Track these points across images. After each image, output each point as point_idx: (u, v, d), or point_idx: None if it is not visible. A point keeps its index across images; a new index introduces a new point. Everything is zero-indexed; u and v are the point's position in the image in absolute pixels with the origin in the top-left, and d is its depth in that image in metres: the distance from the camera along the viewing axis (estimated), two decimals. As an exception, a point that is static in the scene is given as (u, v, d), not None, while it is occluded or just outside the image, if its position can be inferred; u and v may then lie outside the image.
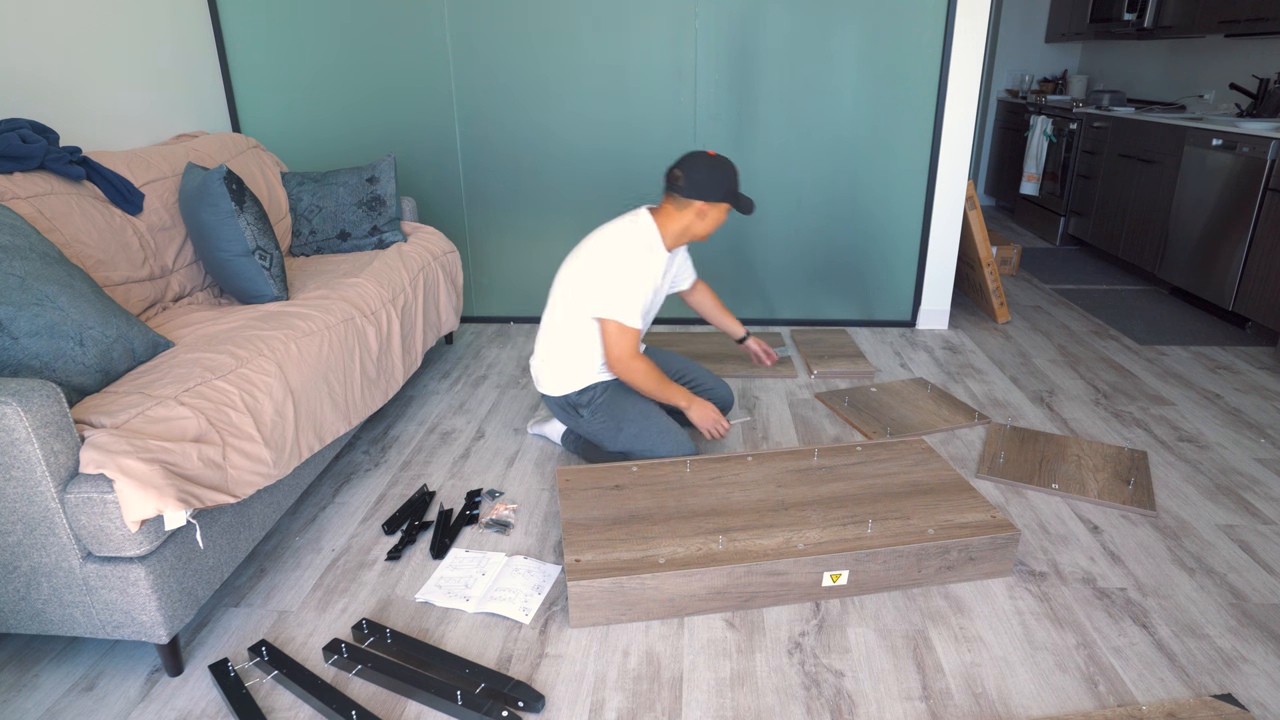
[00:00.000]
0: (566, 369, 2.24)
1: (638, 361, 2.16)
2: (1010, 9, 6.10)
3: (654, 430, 2.21)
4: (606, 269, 2.12)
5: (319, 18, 3.22)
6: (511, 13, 3.20)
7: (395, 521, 2.05)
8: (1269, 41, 4.07)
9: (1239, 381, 2.95)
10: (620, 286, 2.10)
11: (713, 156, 2.14)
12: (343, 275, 2.49)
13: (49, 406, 1.34)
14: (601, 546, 1.75)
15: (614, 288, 2.11)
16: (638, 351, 2.18)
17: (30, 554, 1.42)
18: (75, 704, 1.50)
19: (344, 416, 2.09)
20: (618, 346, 2.14)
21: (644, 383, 2.18)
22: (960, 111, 3.21)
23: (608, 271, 2.12)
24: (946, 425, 2.57)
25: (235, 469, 1.61)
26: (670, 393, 2.22)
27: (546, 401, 2.34)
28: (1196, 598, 1.77)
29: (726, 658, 1.60)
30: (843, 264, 3.51)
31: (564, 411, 2.30)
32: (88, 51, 2.53)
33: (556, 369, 2.25)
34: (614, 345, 2.14)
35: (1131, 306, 3.86)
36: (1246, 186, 3.41)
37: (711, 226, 2.20)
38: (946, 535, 1.78)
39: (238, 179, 2.19)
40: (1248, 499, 2.16)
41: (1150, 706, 1.46)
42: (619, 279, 2.11)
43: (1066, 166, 5.08)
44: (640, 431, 2.21)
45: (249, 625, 1.70)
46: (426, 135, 3.39)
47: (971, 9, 3.07)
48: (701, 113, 3.31)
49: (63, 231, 1.96)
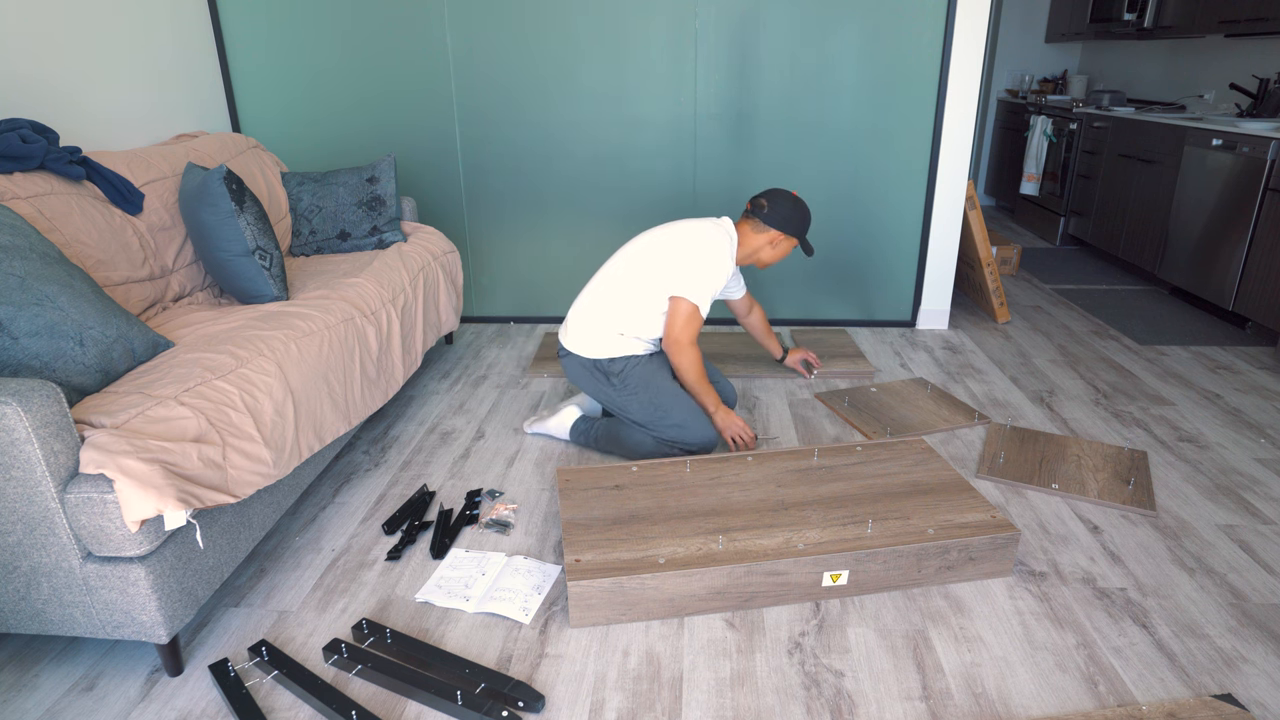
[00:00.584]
0: (610, 334, 2.29)
1: (695, 349, 2.28)
2: (1010, 9, 6.10)
3: (686, 408, 2.27)
4: (693, 253, 2.24)
5: (319, 18, 3.22)
6: (512, 13, 3.20)
7: (395, 521, 2.05)
8: (1269, 41, 4.07)
9: (1239, 381, 2.95)
10: (703, 272, 2.23)
11: (795, 197, 2.35)
12: (343, 275, 2.49)
13: (49, 406, 1.34)
14: (601, 546, 1.75)
15: (697, 272, 2.23)
16: (696, 340, 2.29)
17: (30, 554, 1.42)
18: (75, 704, 1.50)
19: (344, 416, 2.09)
20: (685, 329, 2.25)
21: (690, 370, 2.29)
22: (960, 111, 3.21)
23: (694, 256, 2.24)
24: (946, 425, 2.57)
25: (235, 469, 1.61)
26: (706, 389, 2.32)
27: (571, 362, 2.36)
28: (1196, 598, 1.77)
29: (726, 658, 1.60)
30: (843, 264, 3.51)
31: (590, 376, 2.33)
32: (88, 52, 2.53)
33: (600, 331, 2.30)
34: (682, 326, 2.24)
35: (1131, 306, 3.87)
36: (1246, 186, 3.41)
37: (777, 257, 2.40)
38: (946, 535, 1.78)
39: (238, 179, 2.19)
40: (1248, 499, 2.16)
41: (1150, 706, 1.46)
42: (703, 265, 2.23)
43: (1066, 166, 5.08)
44: (672, 406, 2.26)
45: (249, 625, 1.70)
46: (426, 135, 3.39)
47: (971, 9, 3.07)
48: (701, 113, 3.31)
49: (63, 231, 1.96)
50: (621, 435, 2.33)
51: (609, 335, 2.30)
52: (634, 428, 2.30)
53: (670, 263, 2.25)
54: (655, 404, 2.26)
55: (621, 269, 2.31)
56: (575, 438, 2.44)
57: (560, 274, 3.58)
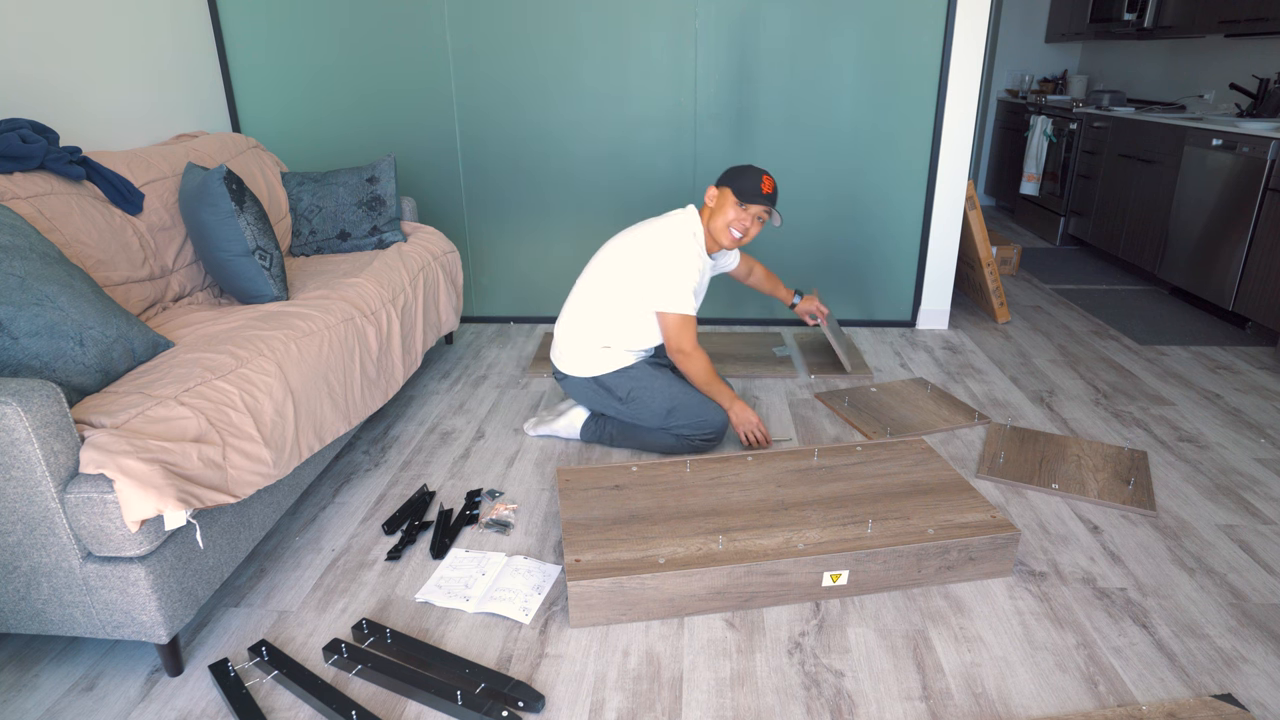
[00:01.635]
0: (596, 348, 2.30)
1: (700, 353, 2.29)
2: (1010, 9, 6.10)
3: (695, 403, 2.29)
4: (660, 263, 2.23)
5: (319, 18, 3.22)
6: (512, 13, 3.20)
7: (395, 521, 2.05)
8: (1269, 41, 4.07)
9: (1239, 381, 2.95)
10: (675, 279, 2.22)
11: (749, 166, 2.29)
12: (343, 275, 2.49)
13: (49, 406, 1.34)
14: (601, 546, 1.75)
15: (669, 281, 2.22)
16: (697, 343, 2.29)
17: (30, 554, 1.42)
18: (75, 704, 1.50)
19: (344, 416, 2.09)
20: (681, 336, 2.25)
21: (700, 373, 2.30)
22: (960, 111, 3.21)
23: (661, 265, 2.23)
24: (946, 425, 2.57)
25: (235, 469, 1.61)
26: (719, 388, 2.33)
27: (570, 384, 2.37)
28: (1196, 598, 1.77)
29: (726, 658, 1.60)
30: (843, 264, 3.51)
31: (595, 394, 2.34)
32: (88, 52, 2.53)
33: (586, 348, 2.31)
34: (677, 336, 2.25)
35: (1131, 306, 3.86)
36: (1246, 186, 3.41)
37: (730, 222, 2.27)
38: (946, 535, 1.78)
39: (238, 179, 2.19)
40: (1248, 499, 2.16)
41: (1150, 706, 1.46)
42: (673, 272, 2.22)
43: (1066, 166, 5.08)
44: (682, 406, 2.28)
45: (249, 625, 1.70)
46: (426, 135, 3.39)
47: (971, 9, 3.07)
48: (701, 113, 3.31)
49: (63, 231, 1.96)
50: (639, 433, 2.36)
51: (595, 350, 2.31)
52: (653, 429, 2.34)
53: (641, 276, 2.25)
54: (667, 409, 2.29)
55: (594, 282, 2.32)
56: (588, 437, 2.45)
57: (560, 274, 3.58)
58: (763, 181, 2.24)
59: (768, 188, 2.25)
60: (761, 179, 2.24)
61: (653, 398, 2.30)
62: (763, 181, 2.24)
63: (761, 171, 2.26)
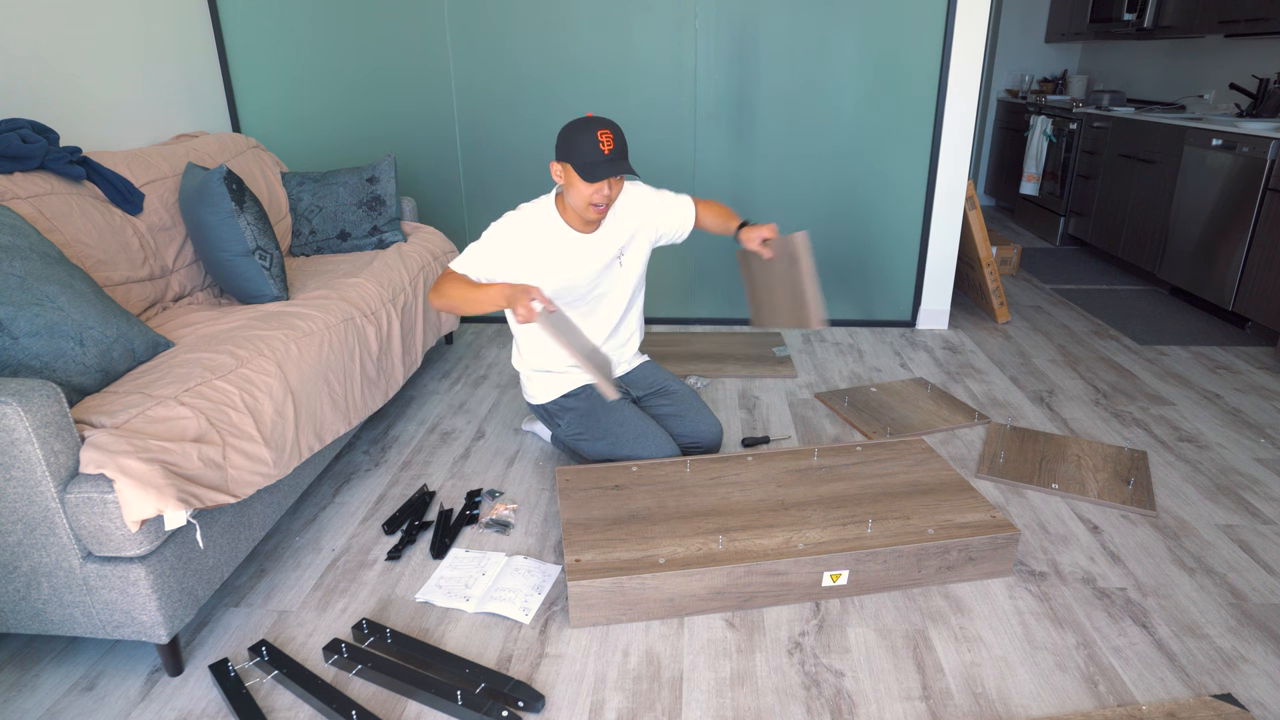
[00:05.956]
0: (534, 376, 2.27)
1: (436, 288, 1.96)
2: (1010, 9, 6.10)
3: (630, 436, 2.16)
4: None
5: (319, 18, 3.22)
6: (512, 14, 3.20)
7: (395, 521, 2.05)
8: (1269, 41, 4.07)
9: (1239, 381, 2.95)
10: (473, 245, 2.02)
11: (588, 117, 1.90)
12: (343, 275, 2.49)
13: (49, 406, 1.34)
14: (601, 546, 1.75)
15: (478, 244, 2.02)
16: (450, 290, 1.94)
17: (30, 554, 1.42)
18: (75, 704, 1.50)
19: (344, 416, 2.09)
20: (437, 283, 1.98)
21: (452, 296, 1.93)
22: (960, 111, 3.21)
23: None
24: (946, 425, 2.57)
25: (235, 469, 1.61)
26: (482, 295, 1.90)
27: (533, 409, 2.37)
28: (1196, 598, 1.77)
29: (726, 658, 1.60)
30: (843, 264, 3.51)
31: (547, 418, 2.32)
32: (88, 52, 2.53)
33: (528, 377, 2.29)
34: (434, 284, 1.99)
35: (1131, 306, 3.86)
36: (1246, 186, 3.41)
37: (581, 199, 1.93)
38: (946, 535, 1.78)
39: (238, 179, 2.19)
40: (1248, 499, 2.16)
41: (1150, 706, 1.46)
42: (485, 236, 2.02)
43: (1066, 166, 5.08)
44: (618, 439, 2.16)
45: (249, 625, 1.70)
46: (427, 135, 3.39)
47: (971, 9, 3.07)
48: (701, 113, 3.31)
49: (63, 231, 1.96)
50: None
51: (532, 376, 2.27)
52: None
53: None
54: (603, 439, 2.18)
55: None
56: (556, 443, 2.44)
57: (560, 274, 3.58)
58: (600, 141, 1.85)
59: (608, 145, 1.86)
60: (598, 137, 1.85)
61: (586, 423, 2.20)
62: (600, 141, 1.85)
63: (597, 126, 1.86)
